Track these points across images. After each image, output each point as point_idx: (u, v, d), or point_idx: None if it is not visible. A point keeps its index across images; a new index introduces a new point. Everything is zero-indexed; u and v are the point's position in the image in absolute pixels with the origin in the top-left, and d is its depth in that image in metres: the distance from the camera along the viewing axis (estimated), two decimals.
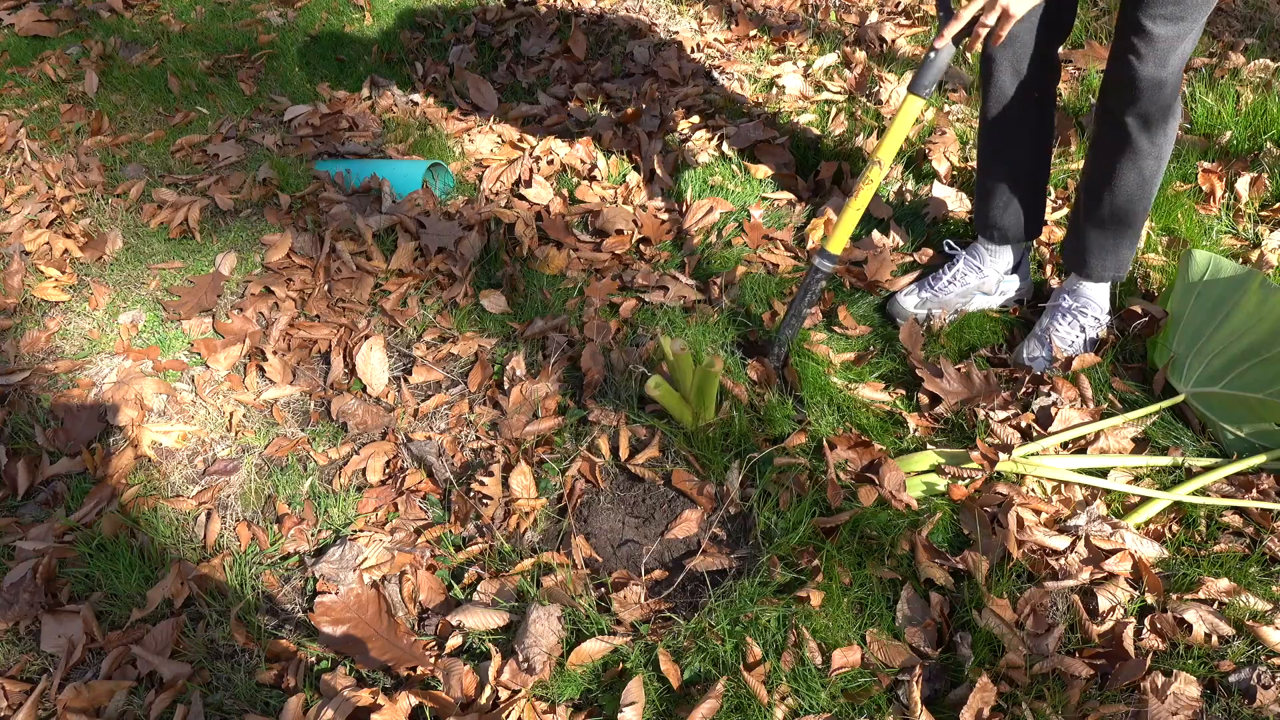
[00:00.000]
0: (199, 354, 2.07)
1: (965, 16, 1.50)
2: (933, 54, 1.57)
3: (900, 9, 3.13)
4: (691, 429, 1.74)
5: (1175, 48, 1.53)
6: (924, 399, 1.82)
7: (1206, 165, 2.27)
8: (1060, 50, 1.75)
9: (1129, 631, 1.39)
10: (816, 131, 2.57)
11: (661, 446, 1.75)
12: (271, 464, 1.85)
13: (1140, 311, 1.89)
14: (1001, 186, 1.89)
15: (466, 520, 1.69)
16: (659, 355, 1.90)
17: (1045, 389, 1.79)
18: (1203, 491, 1.61)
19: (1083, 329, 1.87)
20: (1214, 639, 1.40)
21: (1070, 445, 1.71)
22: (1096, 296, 1.89)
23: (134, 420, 1.91)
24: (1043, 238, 2.16)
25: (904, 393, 1.86)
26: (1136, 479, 1.66)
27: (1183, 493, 1.59)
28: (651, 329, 2.00)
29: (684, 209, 2.36)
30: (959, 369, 1.83)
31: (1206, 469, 1.65)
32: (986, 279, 1.98)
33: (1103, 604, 1.44)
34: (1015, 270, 2.00)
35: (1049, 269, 2.10)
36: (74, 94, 3.05)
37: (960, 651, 1.41)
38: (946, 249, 2.07)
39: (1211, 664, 1.37)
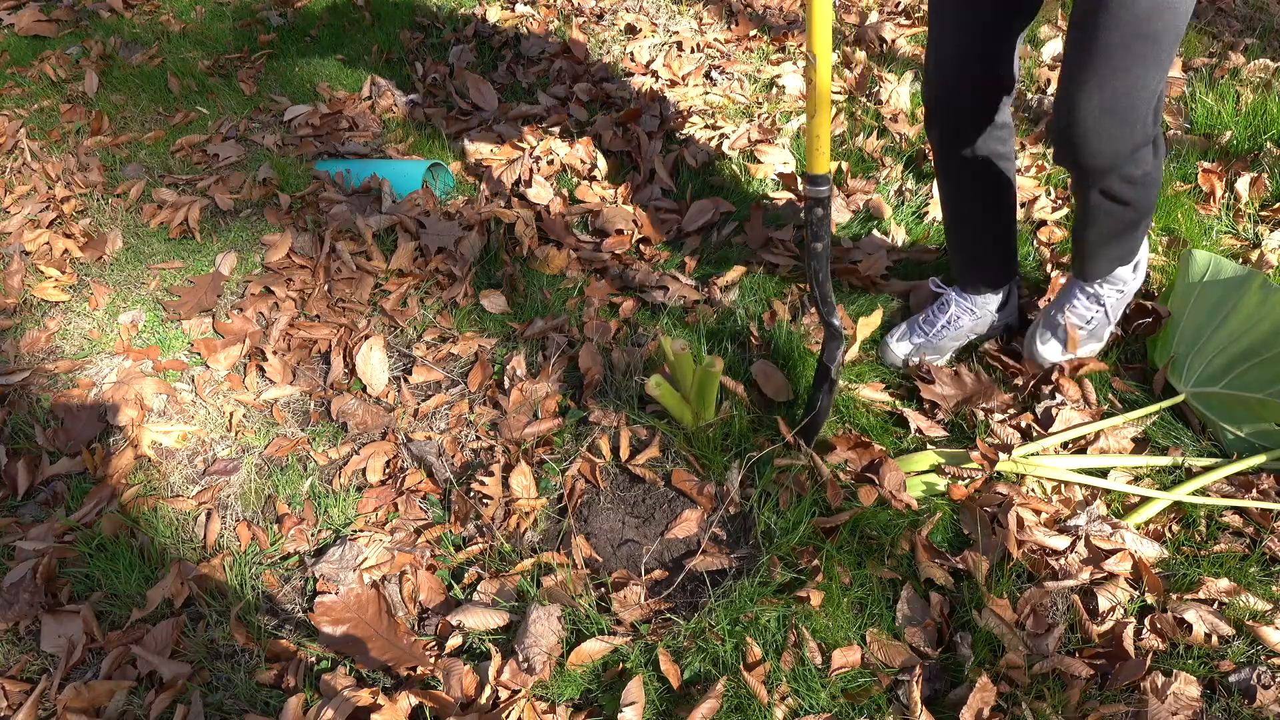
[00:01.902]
0: (199, 354, 2.07)
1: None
2: None
3: (900, 9, 3.13)
4: (692, 429, 1.74)
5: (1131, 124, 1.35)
6: (925, 399, 1.82)
7: (1206, 165, 2.27)
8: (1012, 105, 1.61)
9: (1129, 631, 1.39)
10: None
11: (662, 446, 1.75)
12: (271, 464, 1.85)
13: (1148, 308, 1.87)
14: (966, 245, 1.82)
15: (466, 520, 1.69)
16: (660, 355, 1.90)
17: (1047, 389, 1.79)
18: (1203, 491, 1.61)
19: (1099, 302, 1.76)
20: (1214, 639, 1.40)
21: (1070, 445, 1.71)
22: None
23: (134, 420, 1.91)
24: (1042, 237, 2.16)
25: (904, 395, 1.85)
26: (1136, 479, 1.66)
27: (1183, 493, 1.59)
28: (652, 329, 2.00)
29: (684, 209, 2.36)
30: (953, 371, 1.81)
31: (1206, 469, 1.65)
32: (980, 319, 1.88)
33: (1103, 604, 1.44)
34: (1004, 305, 1.90)
35: (1049, 267, 2.09)
36: (74, 94, 3.05)
37: (960, 651, 1.41)
38: (933, 288, 1.93)
39: (1211, 664, 1.37)
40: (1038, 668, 1.35)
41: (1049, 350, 1.80)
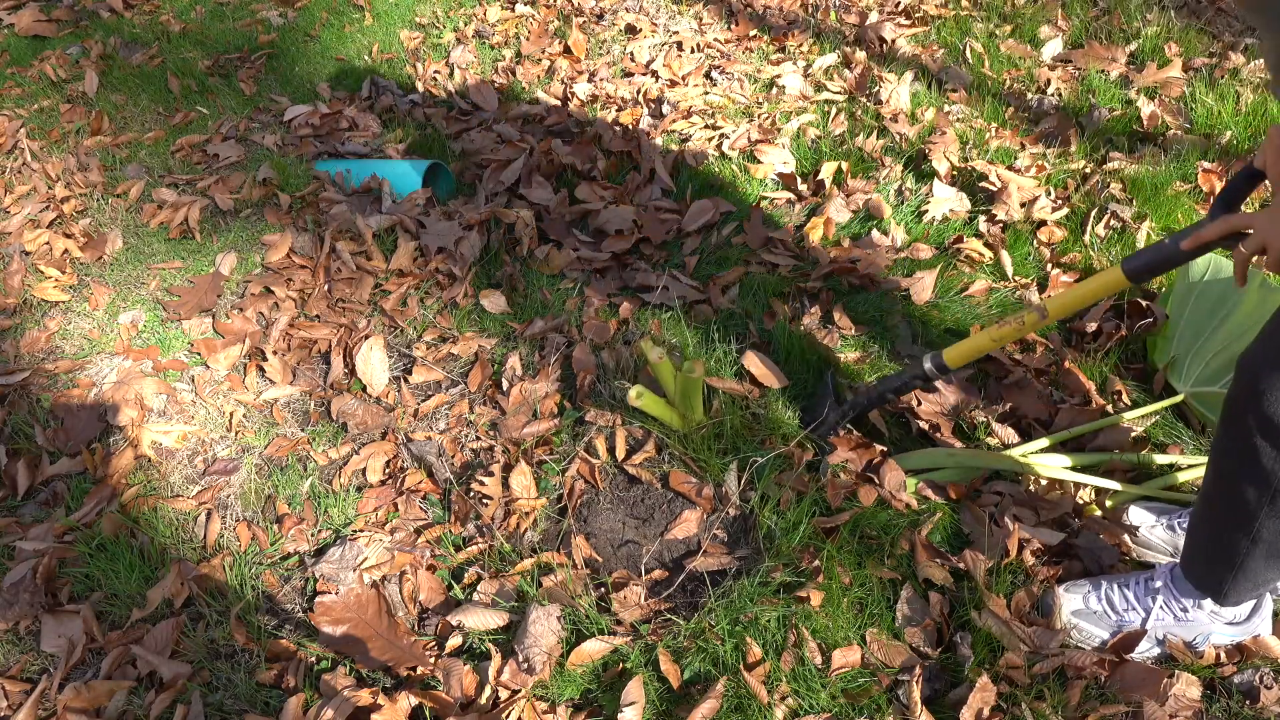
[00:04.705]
0: (199, 354, 2.06)
1: (1214, 233, 1.14)
2: (1166, 243, 1.20)
3: (900, 9, 3.13)
4: (683, 431, 1.73)
5: None
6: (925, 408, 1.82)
7: (1206, 165, 2.27)
8: None
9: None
10: (816, 131, 2.57)
11: (657, 446, 1.75)
12: (271, 464, 1.85)
13: (1147, 309, 1.87)
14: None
15: (466, 520, 1.69)
16: (641, 360, 1.89)
17: (1047, 387, 1.79)
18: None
19: (1143, 603, 1.38)
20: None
21: (1070, 444, 1.71)
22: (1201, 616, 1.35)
23: (134, 420, 1.91)
24: (1042, 237, 2.16)
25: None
26: (1136, 479, 1.66)
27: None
28: (644, 329, 1.99)
29: (684, 209, 2.36)
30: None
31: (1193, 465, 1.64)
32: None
33: None
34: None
35: (1049, 266, 2.08)
36: (74, 94, 3.05)
37: (960, 651, 1.40)
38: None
39: (1213, 665, 1.37)
40: (1038, 668, 1.35)
41: (1067, 600, 1.43)
